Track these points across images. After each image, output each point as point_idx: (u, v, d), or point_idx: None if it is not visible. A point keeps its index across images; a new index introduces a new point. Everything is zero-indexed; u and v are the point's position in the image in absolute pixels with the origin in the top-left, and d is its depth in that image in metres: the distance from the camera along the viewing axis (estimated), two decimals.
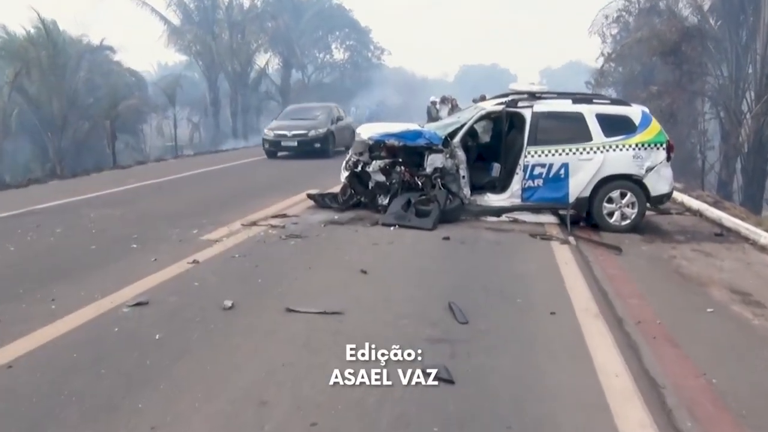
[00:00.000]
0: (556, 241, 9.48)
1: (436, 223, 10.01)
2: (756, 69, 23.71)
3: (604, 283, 7.48)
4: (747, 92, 25.02)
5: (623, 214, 10.53)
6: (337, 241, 9.04)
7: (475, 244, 9.17)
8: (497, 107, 10.93)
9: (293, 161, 21.22)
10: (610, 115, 10.69)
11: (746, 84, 25.40)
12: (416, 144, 10.99)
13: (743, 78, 25.55)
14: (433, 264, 8.00)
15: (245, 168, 19.75)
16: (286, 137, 22.04)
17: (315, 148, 21.88)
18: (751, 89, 24.65)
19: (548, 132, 10.66)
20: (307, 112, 23.75)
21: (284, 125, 22.60)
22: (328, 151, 22.01)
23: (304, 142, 21.92)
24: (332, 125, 22.86)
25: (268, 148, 22.29)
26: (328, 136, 22.33)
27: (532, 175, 10.59)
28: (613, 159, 10.48)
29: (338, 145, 22.54)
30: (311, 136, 22.00)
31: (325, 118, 22.92)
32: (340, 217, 10.57)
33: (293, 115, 23.71)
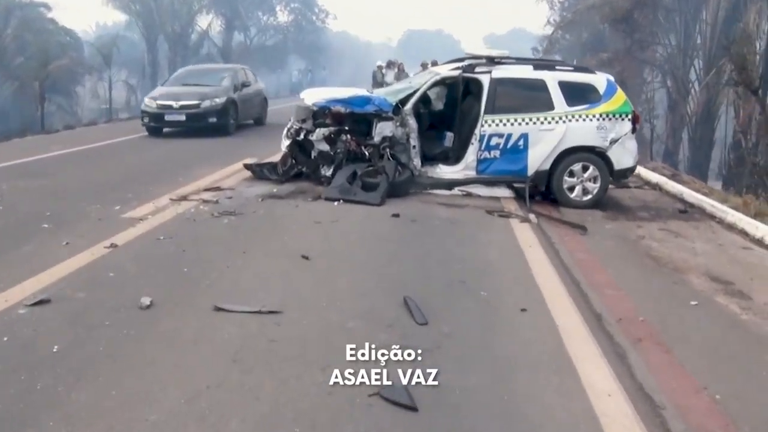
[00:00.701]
0: (515, 219, 8.63)
1: (384, 198, 9.06)
2: (705, 39, 23.19)
3: (574, 270, 6.66)
4: (695, 61, 24.53)
5: (585, 188, 9.74)
6: (275, 218, 8.02)
7: (427, 222, 8.25)
8: (453, 72, 9.97)
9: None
10: (574, 83, 9.84)
11: (694, 53, 24.92)
12: (364, 111, 9.98)
13: (691, 47, 25.06)
14: (383, 247, 7.05)
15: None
16: (171, 109, 16.86)
17: (209, 123, 16.91)
18: (699, 59, 24.17)
19: (507, 100, 9.78)
20: (204, 76, 18.93)
21: (171, 93, 17.48)
22: (227, 126, 17.29)
23: (194, 115, 16.80)
24: (235, 93, 18.01)
25: (148, 123, 17.14)
26: (227, 107, 17.33)
27: (488, 145, 9.70)
28: (576, 130, 9.66)
29: (244, 117, 18.70)
30: (204, 107, 16.85)
31: (226, 84, 18.07)
32: (279, 190, 9.53)
33: (186, 80, 18.68)
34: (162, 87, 18.90)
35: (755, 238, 8.61)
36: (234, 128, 17.64)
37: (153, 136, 17.08)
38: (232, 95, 17.74)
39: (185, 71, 20.41)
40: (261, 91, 20.41)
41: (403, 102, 9.92)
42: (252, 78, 19.93)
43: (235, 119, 17.76)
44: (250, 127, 18.99)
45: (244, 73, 19.57)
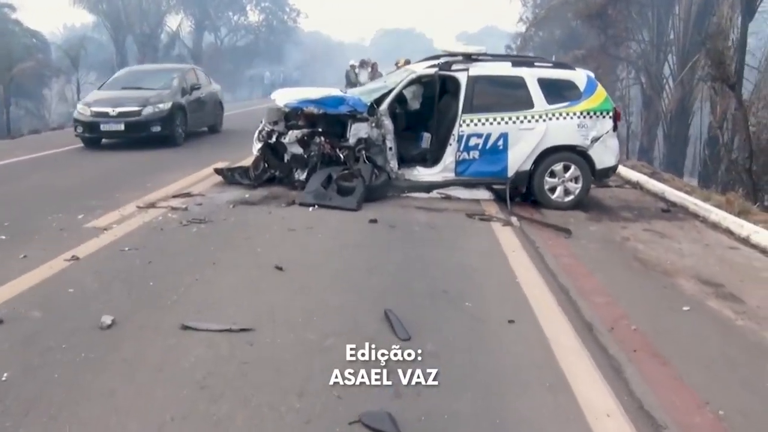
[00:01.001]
0: (497, 222, 8.34)
1: (360, 202, 8.73)
2: (678, 34, 23.07)
3: (561, 276, 6.37)
4: (668, 57, 24.43)
5: (566, 189, 9.47)
6: (247, 226, 7.64)
7: (406, 227, 7.92)
8: (429, 70, 9.64)
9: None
10: (553, 80, 9.57)
11: (668, 49, 24.82)
12: (338, 112, 9.63)
13: (665, 43, 24.97)
14: (361, 256, 6.70)
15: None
16: (107, 117, 14.41)
17: (152, 132, 14.61)
18: (673, 54, 24.07)
19: (485, 98, 9.48)
20: (148, 78, 16.41)
21: (108, 98, 15.05)
22: (174, 135, 15.08)
23: (135, 124, 14.46)
24: (183, 97, 15.75)
25: (82, 133, 14.78)
26: (174, 113, 15.03)
27: (467, 146, 9.39)
28: (557, 128, 9.38)
29: (195, 125, 16.54)
30: (147, 114, 14.54)
31: (173, 87, 15.70)
32: (251, 196, 9.14)
33: (126, 82, 16.18)
34: (98, 91, 16.27)
35: (741, 237, 8.40)
36: (182, 138, 15.49)
37: (91, 148, 14.88)
38: (180, 100, 15.53)
39: (126, 72, 17.82)
40: (215, 94, 18.36)
41: (378, 102, 9.59)
42: (204, 79, 17.91)
43: (183, 127, 15.58)
44: (203, 136, 17.28)
45: (194, 73, 17.40)
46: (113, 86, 16.14)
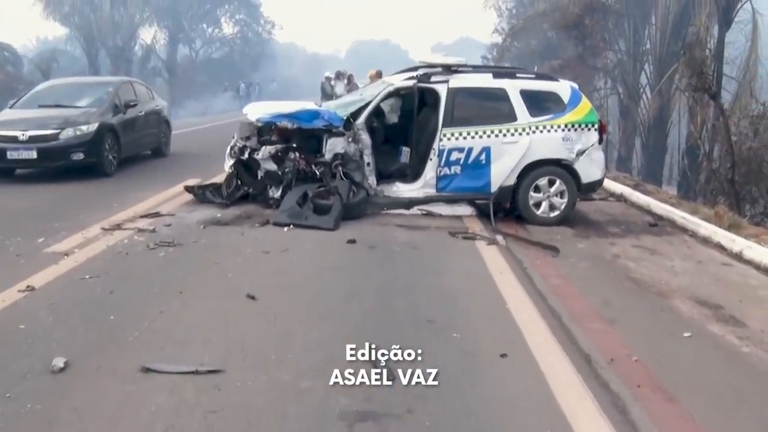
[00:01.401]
0: (481, 241, 7.93)
1: (338, 222, 8.29)
2: (655, 43, 22.90)
3: (551, 299, 5.98)
4: (645, 66, 24.27)
5: (551, 204, 9.10)
6: (218, 249, 7.16)
7: (386, 247, 7.50)
8: (407, 82, 9.24)
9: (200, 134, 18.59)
10: (536, 92, 9.21)
11: (644, 58, 24.67)
12: (313, 126, 9.20)
13: (641, 53, 24.82)
14: (340, 281, 6.25)
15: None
16: (16, 142, 11.51)
17: (73, 160, 11.74)
18: (650, 64, 23.91)
19: (467, 111, 9.09)
20: (73, 94, 13.42)
21: (19, 119, 12.19)
22: (102, 164, 12.14)
23: (50, 150, 11.57)
24: (115, 116, 12.84)
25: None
26: (101, 137, 12.09)
27: (448, 161, 8.99)
28: (541, 142, 9.02)
29: (131, 149, 13.53)
30: (66, 139, 11.68)
31: (102, 105, 12.82)
32: (223, 215, 8.65)
33: (45, 99, 13.18)
34: (9, 110, 13.12)
35: (733, 253, 8.08)
36: (113, 167, 12.47)
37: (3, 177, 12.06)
38: (110, 120, 12.59)
39: (47, 87, 14.64)
40: (158, 111, 15.30)
41: (354, 116, 9.17)
42: (144, 94, 14.86)
43: (115, 153, 12.56)
44: (144, 162, 14.40)
45: (130, 87, 14.38)
46: (29, 104, 13.10)
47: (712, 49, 18.49)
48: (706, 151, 15.29)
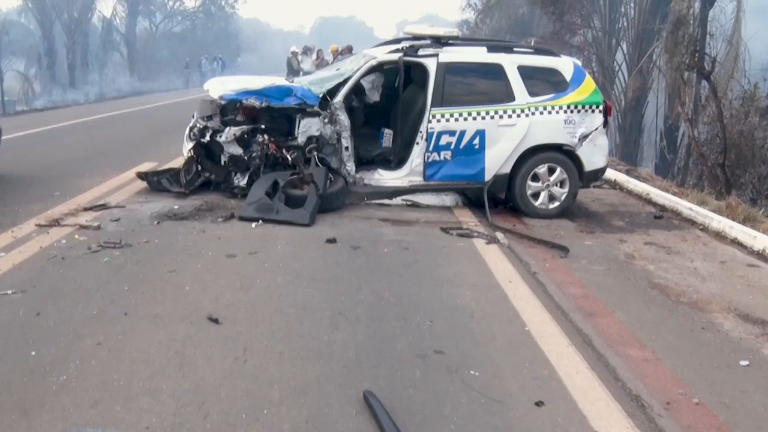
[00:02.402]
0: (479, 239, 6.85)
1: (314, 215, 7.12)
2: (635, 20, 21.90)
3: (576, 317, 4.97)
4: (623, 44, 23.31)
5: (551, 194, 8.08)
6: (174, 252, 5.93)
7: (372, 248, 6.36)
8: (391, 56, 8.06)
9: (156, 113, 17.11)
10: (536, 68, 8.13)
11: (620, 36, 23.73)
12: (284, 105, 7.98)
13: (617, 30, 23.88)
14: (322, 296, 5.08)
15: (78, 127, 15.57)
16: None
17: None
18: (627, 42, 22.95)
19: (458, 89, 7.99)
20: None
21: None
22: None
23: None
24: None
25: None
26: None
27: (437, 145, 7.86)
28: (541, 125, 7.96)
29: None
30: None
31: None
32: (181, 207, 7.40)
33: None
34: None
35: (755, 251, 7.21)
36: None
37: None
38: None
39: None
40: None
41: (331, 93, 7.96)
42: None
43: None
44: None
45: None
46: None
47: (695, 29, 17.50)
48: (694, 135, 14.32)
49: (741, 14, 17.98)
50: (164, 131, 14.11)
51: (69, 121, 16.69)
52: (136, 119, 17.84)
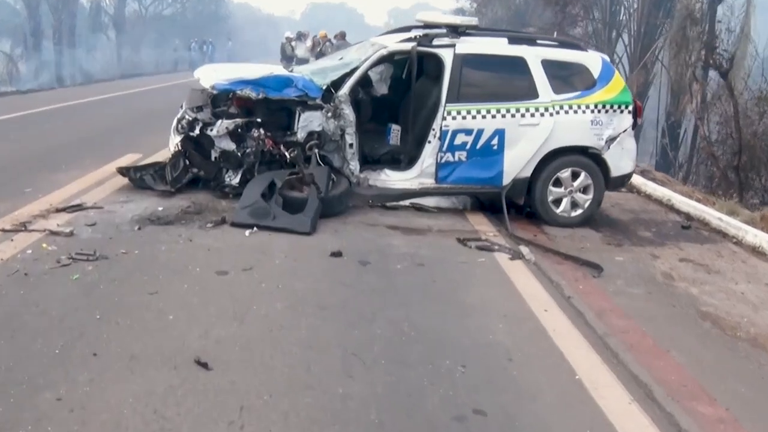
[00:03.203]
0: (501, 253, 6.05)
1: (315, 222, 6.28)
2: (640, 10, 21.01)
3: (628, 358, 4.21)
4: (624, 36, 22.46)
5: (574, 201, 7.27)
6: (155, 267, 5.05)
7: (383, 264, 5.53)
8: (403, 45, 7.19)
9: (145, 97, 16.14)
10: (561, 63, 7.31)
11: (620, 29, 22.89)
12: (283, 96, 7.09)
13: (617, 23, 23.04)
14: (329, 329, 4.24)
15: (57, 113, 14.57)
16: None
17: None
18: (629, 35, 22.10)
19: (477, 84, 7.18)
20: None
21: None
22: None
23: None
24: None
25: None
26: None
27: (452, 145, 7.03)
28: (565, 125, 7.15)
29: None
30: None
31: None
32: (166, 209, 6.51)
33: None
34: None
35: None
36: None
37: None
38: None
39: None
40: None
41: (335, 85, 7.10)
42: None
43: None
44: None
45: None
46: None
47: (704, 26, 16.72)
48: (705, 134, 13.57)
49: (751, 9, 17.16)
50: (151, 118, 13.11)
51: (52, 104, 15.62)
52: (121, 104, 16.87)
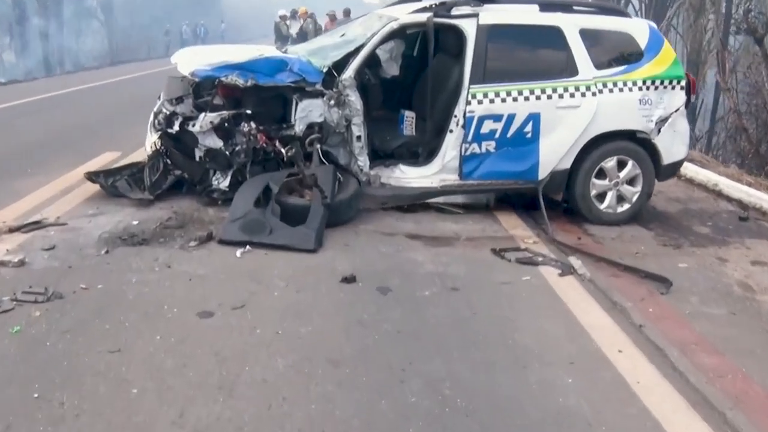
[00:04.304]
0: (547, 267, 4.94)
1: (321, 235, 5.16)
2: None
3: (740, 422, 3.09)
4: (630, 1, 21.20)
5: (620, 194, 6.15)
6: (121, 310, 3.90)
7: (410, 292, 4.38)
8: (417, 17, 6.01)
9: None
10: (603, 32, 6.18)
11: None
12: (276, 83, 5.91)
13: None
14: (346, 398, 3.12)
15: (22, 111, 13.10)
16: None
17: None
18: None
19: (505, 60, 6.04)
20: None
21: None
22: None
23: None
24: None
25: None
26: None
27: (478, 134, 5.89)
28: (610, 106, 6.03)
29: None
30: None
31: None
32: (142, 223, 5.38)
33: None
34: None
35: None
36: None
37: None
38: None
39: None
40: None
41: (338, 66, 5.93)
42: None
43: None
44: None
45: None
46: None
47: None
48: (735, 107, 12.40)
49: None
50: (136, 108, 11.74)
51: (31, 96, 14.40)
52: (107, 93, 15.69)
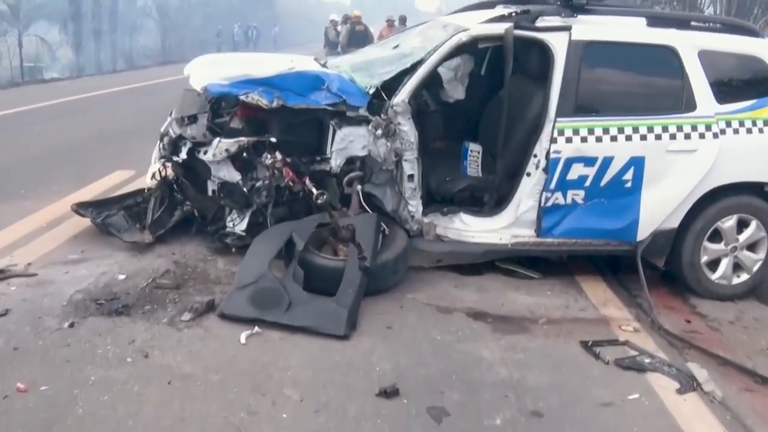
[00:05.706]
0: (659, 376, 3.56)
1: (354, 314, 3.81)
2: None
3: None
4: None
5: (738, 262, 4.73)
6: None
7: (474, 420, 3.02)
8: (494, 28, 4.65)
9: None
10: (728, 56, 4.78)
11: None
12: (309, 104, 4.61)
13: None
14: None
15: (48, 115, 11.77)
16: None
17: None
18: None
19: (603, 88, 4.68)
20: None
21: None
22: None
23: None
24: None
25: None
26: None
27: (563, 180, 4.50)
28: (735, 151, 4.62)
29: None
30: None
31: None
32: (129, 278, 4.13)
33: None
34: None
35: None
36: None
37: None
38: None
39: None
40: None
41: (388, 87, 4.62)
42: None
43: None
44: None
45: None
46: None
47: None
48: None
49: None
50: (166, 116, 10.69)
51: (68, 96, 13.44)
52: (143, 96, 14.62)
